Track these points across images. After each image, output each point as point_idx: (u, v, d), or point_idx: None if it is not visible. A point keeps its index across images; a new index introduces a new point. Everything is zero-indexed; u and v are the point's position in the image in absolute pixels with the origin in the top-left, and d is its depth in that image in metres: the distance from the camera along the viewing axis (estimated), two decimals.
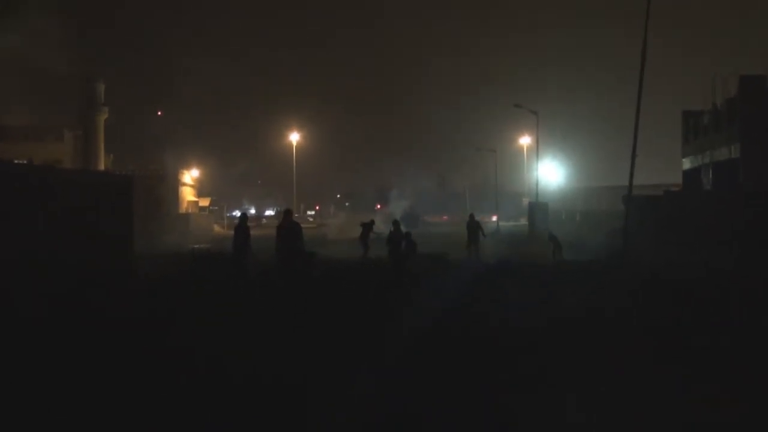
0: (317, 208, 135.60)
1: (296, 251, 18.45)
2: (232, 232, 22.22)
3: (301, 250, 18.60)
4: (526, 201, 77.76)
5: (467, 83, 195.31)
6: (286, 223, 18.70)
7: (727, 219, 28.84)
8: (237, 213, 77.37)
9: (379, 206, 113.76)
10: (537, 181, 59.54)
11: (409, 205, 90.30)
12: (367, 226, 30.78)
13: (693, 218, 32.49)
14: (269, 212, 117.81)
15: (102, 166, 74.98)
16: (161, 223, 63.30)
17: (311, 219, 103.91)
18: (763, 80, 38.63)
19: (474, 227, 30.25)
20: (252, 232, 20.63)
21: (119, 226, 24.66)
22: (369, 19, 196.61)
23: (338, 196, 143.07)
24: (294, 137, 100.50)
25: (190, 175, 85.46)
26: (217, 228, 79.05)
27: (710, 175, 42.90)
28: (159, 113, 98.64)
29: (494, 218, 76.55)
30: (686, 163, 48.59)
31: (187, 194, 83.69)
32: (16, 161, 40.32)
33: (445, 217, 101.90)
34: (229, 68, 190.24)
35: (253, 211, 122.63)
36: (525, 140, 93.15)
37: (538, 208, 55.54)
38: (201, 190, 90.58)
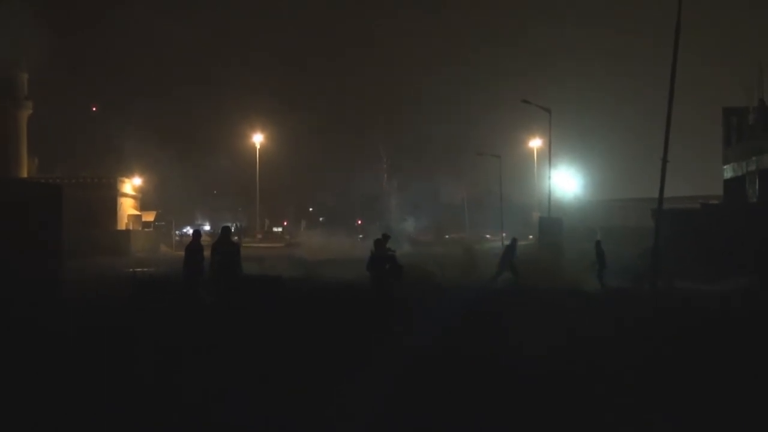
0: (285, 224, 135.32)
1: (233, 274, 19.03)
2: (181, 253, 22.23)
3: (238, 273, 19.27)
4: (536, 215, 77.75)
5: (470, 79, 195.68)
6: (223, 242, 19.27)
7: None
8: (189, 230, 76.60)
9: (359, 222, 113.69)
10: (549, 191, 59.55)
11: (400, 220, 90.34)
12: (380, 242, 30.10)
13: (736, 235, 32.62)
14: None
15: (25, 173, 74.62)
16: (96, 242, 62.89)
17: (287, 236, 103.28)
18: None
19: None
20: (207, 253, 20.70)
21: (43, 246, 24.47)
22: (363, 10, 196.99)
23: (311, 209, 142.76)
24: (257, 139, 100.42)
25: (131, 184, 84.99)
26: (164, 248, 78.60)
27: (756, 185, 42.81)
28: (94, 108, 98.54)
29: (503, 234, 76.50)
30: (728, 171, 48.64)
31: (128, 207, 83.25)
32: None
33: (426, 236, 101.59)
34: (184, 53, 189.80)
35: (207, 227, 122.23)
36: (535, 143, 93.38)
37: (550, 223, 55.54)
38: (145, 202, 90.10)
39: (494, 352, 14.97)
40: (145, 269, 41.63)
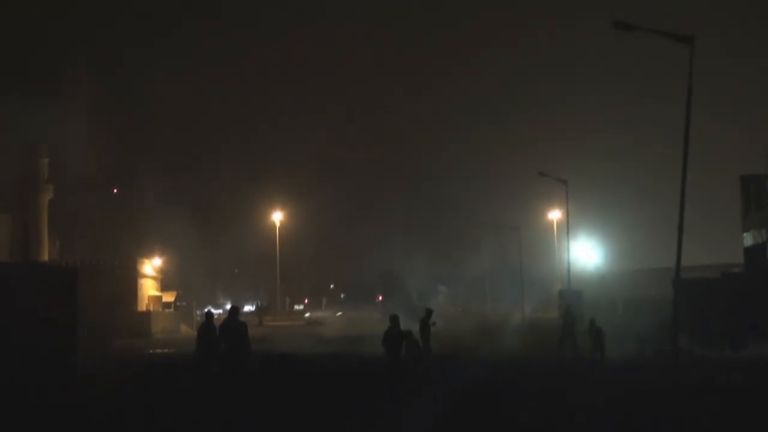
0: (306, 301, 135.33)
1: (241, 353, 19.13)
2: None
3: (246, 351, 19.33)
4: (557, 288, 77.39)
5: (488, 154, 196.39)
6: (231, 323, 19.25)
7: None
8: (213, 310, 76.06)
9: (380, 298, 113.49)
10: (569, 263, 59.31)
11: (417, 295, 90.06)
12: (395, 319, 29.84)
13: (758, 303, 32.31)
14: (248, 308, 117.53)
15: (45, 256, 74.96)
16: (117, 324, 62.82)
17: (308, 315, 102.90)
18: None
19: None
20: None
21: (57, 330, 24.44)
22: (371, 82, 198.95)
23: (332, 286, 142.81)
24: (277, 217, 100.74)
25: (151, 265, 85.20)
26: (184, 328, 78.46)
27: None
28: (115, 191, 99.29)
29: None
30: (748, 239, 48.34)
31: (149, 288, 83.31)
32: None
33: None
34: (200, 137, 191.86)
35: (228, 306, 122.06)
36: (554, 215, 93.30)
37: (570, 295, 55.18)
38: (165, 282, 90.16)
39: None
40: (163, 350, 41.61)
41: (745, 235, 48.80)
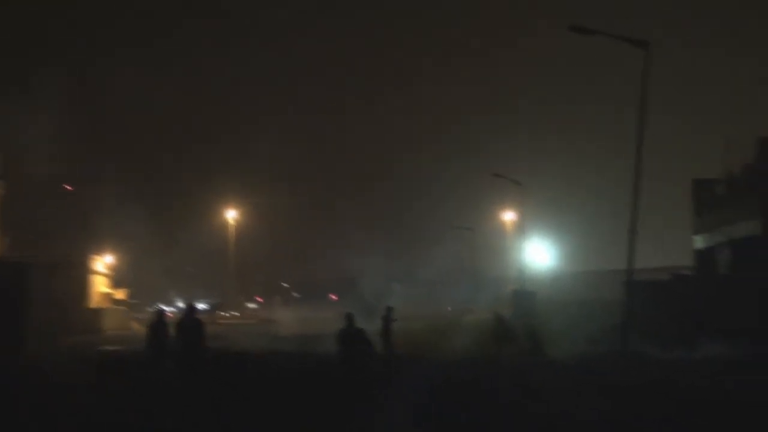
0: (260, 300, 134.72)
1: (198, 351, 19.04)
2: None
3: (202, 349, 19.27)
4: (511, 288, 77.75)
5: (443, 155, 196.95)
6: (187, 320, 19.15)
7: (744, 309, 29.10)
8: (165, 308, 75.51)
9: (334, 297, 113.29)
10: (522, 264, 59.62)
11: (372, 295, 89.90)
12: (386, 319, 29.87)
13: (707, 307, 32.70)
14: (202, 306, 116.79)
15: None
16: (67, 321, 62.20)
17: (261, 313, 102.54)
18: None
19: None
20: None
21: (8, 326, 24.18)
22: (328, 83, 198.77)
23: (285, 285, 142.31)
24: (231, 215, 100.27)
25: (103, 263, 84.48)
26: (135, 325, 77.86)
27: (727, 256, 43.01)
28: (69, 188, 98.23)
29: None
30: (698, 242, 48.91)
31: (100, 285, 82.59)
32: None
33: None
34: (157, 136, 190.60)
35: (181, 304, 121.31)
36: (508, 216, 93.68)
37: (523, 296, 55.47)
38: (117, 280, 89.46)
39: None
40: (114, 347, 41.27)
41: (695, 238, 49.36)
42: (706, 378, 22.52)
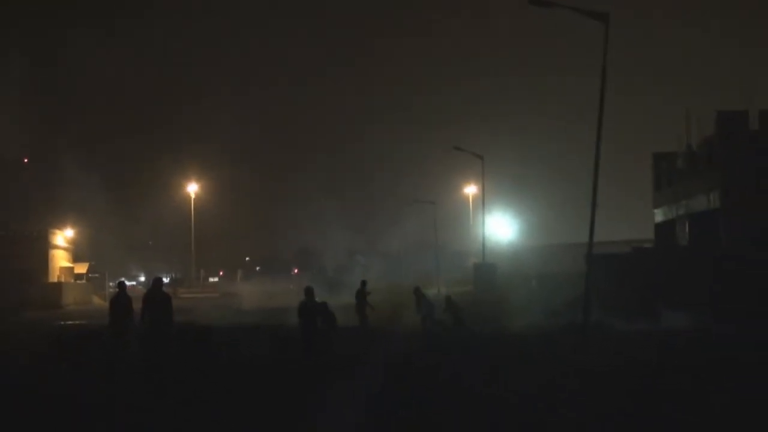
0: (221, 273, 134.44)
1: (164, 326, 18.81)
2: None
3: (169, 324, 19.02)
4: (472, 262, 78.01)
5: (405, 129, 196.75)
6: (155, 294, 18.93)
7: (703, 281, 29.42)
8: (127, 282, 74.57)
9: (296, 271, 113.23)
10: (483, 237, 59.82)
11: (333, 269, 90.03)
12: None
13: (666, 279, 33.00)
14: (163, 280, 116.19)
15: None
16: (27, 296, 61.82)
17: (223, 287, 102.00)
18: (745, 116, 38.45)
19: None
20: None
21: None
22: (288, 54, 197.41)
23: (247, 259, 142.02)
24: (192, 188, 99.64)
25: (63, 236, 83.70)
26: (97, 300, 77.42)
27: (687, 229, 43.29)
28: (25, 160, 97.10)
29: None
30: (658, 215, 49.23)
31: (60, 259, 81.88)
32: None
33: None
34: (122, 100, 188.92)
35: (142, 278, 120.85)
36: (470, 190, 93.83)
37: (485, 269, 55.69)
38: (77, 254, 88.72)
39: None
40: (75, 322, 40.98)
41: (655, 211, 49.69)
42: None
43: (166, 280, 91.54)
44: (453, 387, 16.76)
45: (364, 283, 29.92)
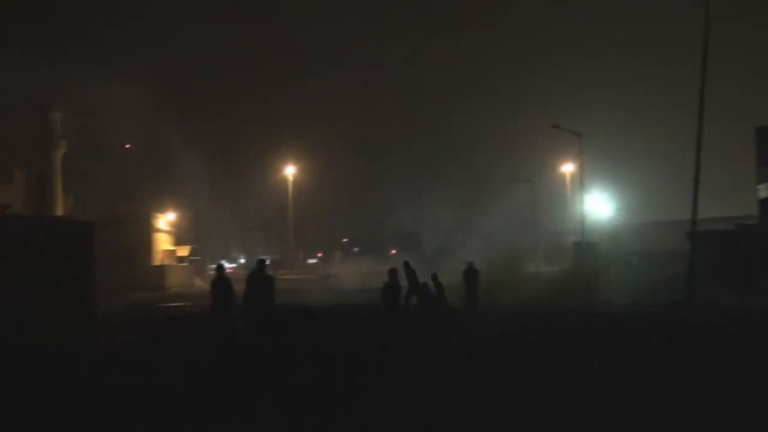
0: (319, 255, 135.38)
1: (267, 306, 19.07)
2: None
3: (272, 305, 19.28)
4: (571, 240, 77.29)
5: (503, 108, 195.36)
6: (258, 275, 19.20)
7: None
8: (224, 264, 75.48)
9: (394, 251, 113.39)
10: (583, 216, 59.18)
11: (432, 249, 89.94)
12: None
13: None
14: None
15: (60, 211, 75.09)
16: (131, 278, 63.17)
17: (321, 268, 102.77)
18: None
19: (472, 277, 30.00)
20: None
21: (76, 285, 24.47)
22: (383, 36, 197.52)
23: (345, 240, 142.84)
24: (290, 171, 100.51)
25: (165, 220, 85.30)
26: (199, 282, 78.76)
27: None
28: (127, 146, 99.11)
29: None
30: (763, 191, 48.13)
31: (163, 242, 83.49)
32: None
33: None
34: (215, 89, 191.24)
35: (242, 260, 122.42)
36: (567, 168, 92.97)
37: (584, 248, 55.11)
38: (180, 237, 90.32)
39: None
40: (177, 303, 41.79)
41: (759, 187, 48.56)
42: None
43: (267, 261, 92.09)
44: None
45: (471, 264, 29.53)
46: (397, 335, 19.80)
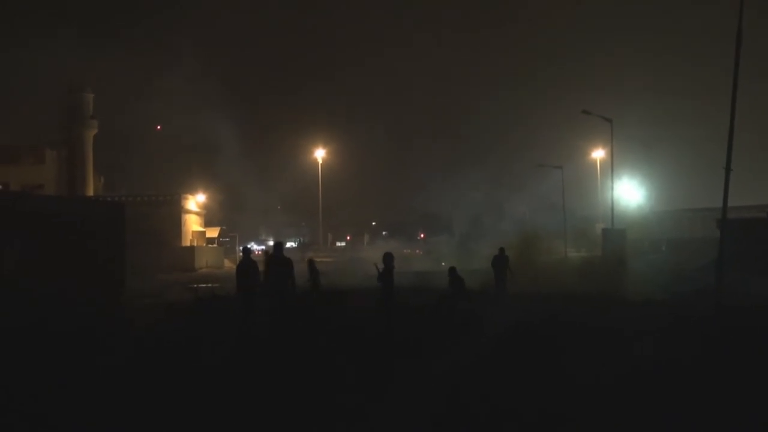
0: (348, 238, 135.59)
1: (287, 289, 19.19)
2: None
3: (290, 287, 19.32)
4: (600, 227, 76.92)
5: (534, 93, 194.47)
6: (277, 258, 19.26)
7: None
8: (252, 246, 76.04)
9: (422, 235, 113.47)
10: (612, 202, 58.81)
11: (459, 233, 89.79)
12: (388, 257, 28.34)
13: None
14: (291, 244, 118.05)
15: (91, 191, 75.56)
16: (161, 259, 63.42)
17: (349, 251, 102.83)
18: None
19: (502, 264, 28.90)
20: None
21: (106, 263, 24.65)
22: (414, 24, 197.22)
23: (373, 223, 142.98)
24: (319, 154, 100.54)
25: (195, 201, 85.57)
26: (228, 263, 79.04)
27: None
28: (158, 128, 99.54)
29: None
30: None
31: (192, 223, 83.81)
32: None
33: None
34: (246, 71, 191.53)
35: (272, 242, 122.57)
36: (597, 154, 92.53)
37: (613, 235, 54.77)
38: (209, 218, 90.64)
39: None
40: (206, 285, 41.93)
41: None
42: None
43: (294, 244, 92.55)
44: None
45: (502, 249, 28.71)
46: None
